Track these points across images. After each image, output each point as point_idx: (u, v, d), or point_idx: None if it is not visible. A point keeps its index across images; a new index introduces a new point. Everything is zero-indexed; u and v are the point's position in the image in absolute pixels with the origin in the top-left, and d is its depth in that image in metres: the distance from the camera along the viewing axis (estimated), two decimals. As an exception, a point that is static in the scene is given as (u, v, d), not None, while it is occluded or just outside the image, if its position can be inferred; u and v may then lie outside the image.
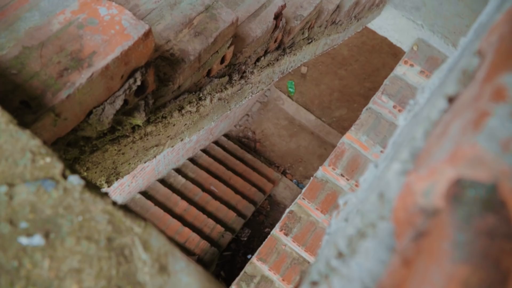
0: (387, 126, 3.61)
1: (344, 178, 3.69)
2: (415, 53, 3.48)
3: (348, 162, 3.71)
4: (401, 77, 3.58)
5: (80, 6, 0.81)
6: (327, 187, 3.84)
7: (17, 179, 0.47)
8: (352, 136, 3.66)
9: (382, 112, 3.64)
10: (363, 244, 0.29)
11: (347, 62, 7.27)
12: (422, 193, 0.30)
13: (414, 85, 3.56)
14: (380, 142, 3.55)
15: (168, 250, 0.46)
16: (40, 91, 0.72)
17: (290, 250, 3.96)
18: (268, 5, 1.45)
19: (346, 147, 3.75)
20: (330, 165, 3.69)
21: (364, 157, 3.73)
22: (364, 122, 3.63)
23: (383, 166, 0.50)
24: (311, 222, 3.87)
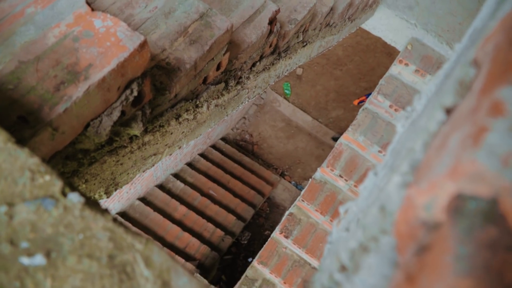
0: (383, 126, 3.62)
1: (342, 178, 3.69)
2: (409, 52, 3.50)
3: (346, 163, 3.72)
4: (397, 77, 3.59)
5: (75, 19, 0.81)
6: (326, 188, 3.84)
7: (16, 198, 0.47)
8: (349, 137, 3.66)
9: (379, 112, 3.65)
10: (366, 259, 0.29)
11: (342, 62, 7.29)
12: (423, 206, 0.30)
13: (409, 84, 3.57)
14: (377, 142, 3.56)
15: (170, 265, 0.46)
16: (37, 105, 0.72)
17: (291, 253, 3.95)
18: (262, 10, 1.46)
19: (343, 148, 3.75)
20: (329, 166, 3.70)
21: (362, 157, 3.74)
22: (361, 122, 3.64)
23: (382, 174, 0.50)
24: (311, 224, 3.87)
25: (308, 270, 3.92)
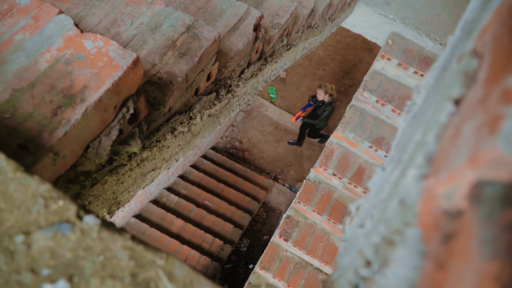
0: (372, 121, 3.66)
1: (336, 177, 3.71)
2: (390, 47, 3.55)
3: (339, 161, 3.74)
4: (380, 72, 3.63)
5: (65, 42, 0.81)
6: (320, 188, 3.86)
7: (32, 227, 0.47)
8: (339, 135, 3.69)
9: (366, 108, 3.69)
10: (394, 252, 0.30)
11: (324, 62, 7.35)
12: (444, 196, 0.31)
13: (393, 78, 3.62)
14: (367, 137, 3.59)
15: (193, 278, 0.46)
16: (36, 132, 0.72)
17: (292, 255, 3.96)
18: (246, 18, 1.47)
19: (334, 146, 3.78)
20: (321, 166, 3.72)
21: (354, 154, 3.77)
22: (350, 120, 3.67)
23: (390, 169, 0.51)
24: (309, 225, 3.88)
25: (311, 271, 3.92)
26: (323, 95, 5.33)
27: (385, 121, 3.62)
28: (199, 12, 1.47)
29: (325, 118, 5.58)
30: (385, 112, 3.58)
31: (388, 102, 3.51)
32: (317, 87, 5.50)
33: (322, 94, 5.33)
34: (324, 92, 5.30)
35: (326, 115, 5.55)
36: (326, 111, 5.51)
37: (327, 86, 5.32)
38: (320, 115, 5.58)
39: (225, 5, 1.48)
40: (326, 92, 5.31)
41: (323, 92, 5.30)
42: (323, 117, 5.57)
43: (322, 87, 5.30)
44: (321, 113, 5.56)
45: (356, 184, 3.62)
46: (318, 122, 5.66)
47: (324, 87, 5.29)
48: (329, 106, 5.48)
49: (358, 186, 3.63)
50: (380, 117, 3.64)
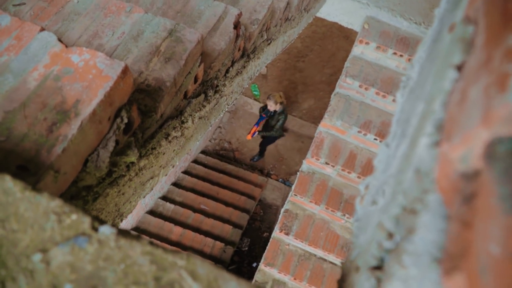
0: (358, 106, 3.69)
1: (329, 165, 3.74)
2: (367, 31, 3.58)
3: (330, 149, 3.77)
4: (360, 57, 3.66)
5: (52, 58, 0.80)
6: (315, 178, 3.88)
7: (48, 244, 0.47)
8: (327, 124, 3.72)
9: (350, 94, 3.72)
10: (419, 219, 0.30)
11: (302, 53, 7.38)
12: (459, 159, 0.31)
13: (373, 62, 3.66)
14: (355, 123, 3.62)
15: (216, 274, 0.46)
16: (34, 151, 0.71)
17: (294, 248, 3.97)
18: (225, 17, 1.47)
19: (324, 135, 3.80)
20: (313, 156, 3.74)
21: (344, 141, 3.80)
22: (336, 108, 3.70)
23: (394, 144, 0.52)
24: (308, 216, 3.90)
25: (315, 261, 3.95)
26: (274, 105, 5.31)
27: (371, 105, 3.66)
28: (178, 16, 1.46)
29: (280, 127, 5.61)
30: (370, 96, 3.61)
31: (371, 86, 3.55)
32: (266, 98, 5.42)
33: (272, 105, 5.31)
34: (274, 103, 5.28)
35: (281, 124, 5.57)
36: (280, 120, 5.52)
37: (275, 95, 5.29)
38: (275, 125, 5.59)
39: (203, 6, 1.48)
40: (276, 102, 5.28)
41: (273, 102, 5.28)
42: (278, 126, 5.58)
43: (271, 98, 5.27)
44: (275, 123, 5.57)
45: (350, 170, 3.65)
46: (274, 133, 5.66)
47: (273, 97, 5.26)
48: (282, 114, 5.48)
49: (351, 172, 3.66)
50: (365, 101, 3.67)
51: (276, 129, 5.61)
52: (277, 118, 5.53)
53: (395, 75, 3.66)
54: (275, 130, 5.63)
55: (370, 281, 0.35)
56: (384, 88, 3.57)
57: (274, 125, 5.60)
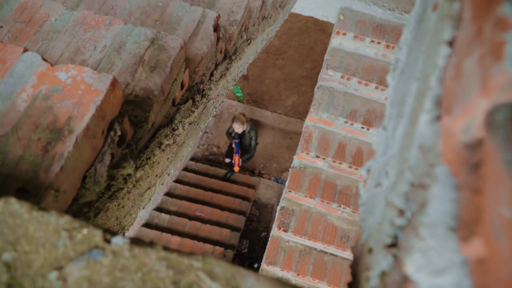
0: (342, 97, 3.72)
1: (320, 158, 3.76)
2: (343, 22, 3.61)
3: (319, 142, 3.79)
4: (339, 48, 3.70)
5: (38, 78, 0.80)
6: (307, 172, 3.90)
7: (63, 261, 0.47)
8: (313, 117, 3.74)
9: (333, 86, 3.75)
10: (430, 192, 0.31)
11: (281, 51, 7.41)
12: (462, 130, 0.33)
13: (352, 51, 3.69)
14: (341, 114, 3.65)
15: (233, 271, 0.47)
16: (31, 173, 0.71)
17: (294, 244, 3.99)
18: (204, 21, 1.47)
19: (312, 129, 3.83)
20: (303, 151, 3.76)
21: (332, 133, 3.83)
22: (320, 100, 3.72)
23: (391, 126, 0.53)
24: (304, 211, 3.92)
25: (316, 255, 3.97)
26: (242, 126, 5.27)
27: (354, 94, 3.69)
28: (157, 24, 1.46)
29: (254, 143, 5.59)
30: (352, 85, 3.65)
31: (353, 76, 3.58)
32: (232, 123, 5.34)
33: (240, 127, 5.28)
34: (241, 123, 5.24)
35: (254, 140, 5.54)
36: (253, 137, 5.49)
37: (239, 116, 5.26)
38: (250, 144, 5.56)
39: (181, 12, 1.48)
40: (243, 122, 5.24)
41: (241, 123, 5.24)
42: (254, 143, 5.56)
43: (236, 121, 5.23)
44: (249, 141, 5.54)
45: (341, 161, 3.68)
46: (254, 150, 5.66)
47: (238, 119, 5.22)
48: (252, 131, 5.45)
49: (343, 163, 3.69)
50: (349, 92, 3.71)
51: (253, 146, 5.58)
52: (249, 136, 5.48)
53: (375, 62, 3.71)
54: (253, 147, 5.59)
55: (386, 258, 0.36)
56: (366, 76, 3.61)
57: (249, 145, 5.55)
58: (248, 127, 5.43)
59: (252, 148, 5.63)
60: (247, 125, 5.38)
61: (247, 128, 5.43)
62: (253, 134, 5.50)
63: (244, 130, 5.44)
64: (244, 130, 5.43)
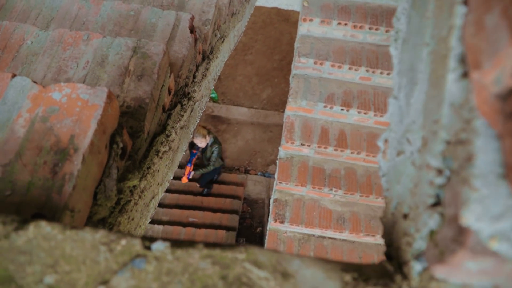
0: (317, 83, 3.76)
1: (305, 146, 3.79)
2: (308, 8, 3.64)
3: (301, 130, 3.82)
4: (308, 35, 3.73)
5: (33, 101, 0.78)
6: (294, 161, 3.93)
7: (107, 275, 0.46)
8: (293, 106, 3.76)
9: (308, 73, 3.78)
10: (473, 145, 0.33)
11: (248, 46, 7.42)
12: (493, 82, 0.34)
13: (321, 36, 3.73)
14: (319, 99, 3.69)
15: (278, 257, 0.48)
16: (44, 197, 0.69)
17: (292, 234, 4.02)
18: (179, 23, 1.46)
19: (293, 119, 3.85)
20: (288, 141, 3.78)
21: (313, 119, 3.87)
22: (297, 89, 3.75)
23: (403, 95, 0.54)
24: (298, 200, 3.95)
25: (315, 241, 4.01)
26: (204, 140, 5.01)
27: (329, 78, 3.73)
28: (132, 34, 1.44)
29: (216, 158, 5.31)
30: (326, 69, 3.69)
31: (325, 60, 3.62)
32: (192, 137, 4.88)
33: (202, 141, 5.02)
34: (202, 137, 4.97)
35: (216, 154, 5.27)
36: (214, 151, 5.22)
37: (199, 130, 4.97)
38: (210, 158, 5.29)
39: (154, 19, 1.47)
40: (204, 136, 4.98)
41: (202, 137, 4.97)
42: (214, 157, 5.28)
43: (197, 136, 4.92)
44: (210, 154, 5.26)
45: (326, 145, 3.72)
46: (212, 166, 5.36)
47: (198, 133, 4.93)
48: (215, 144, 5.21)
49: (328, 147, 3.73)
50: (323, 76, 3.75)
51: (212, 161, 5.29)
52: (210, 150, 5.22)
53: (344, 44, 3.76)
54: (212, 163, 5.31)
55: (433, 218, 0.38)
56: (338, 59, 3.65)
57: (209, 158, 5.27)
58: (211, 140, 5.15)
59: (211, 162, 5.29)
60: (209, 138, 5.10)
61: (210, 141, 5.15)
62: (216, 148, 5.19)
63: (207, 144, 5.16)
64: (207, 144, 5.15)
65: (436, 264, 0.37)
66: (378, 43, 3.74)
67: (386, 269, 0.46)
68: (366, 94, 3.71)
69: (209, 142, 5.19)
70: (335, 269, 0.46)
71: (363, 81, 3.71)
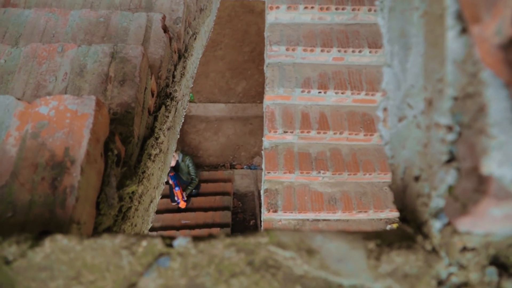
0: (292, 69, 3.77)
1: (288, 133, 3.81)
2: (273, -4, 3.64)
3: (282, 118, 3.84)
4: (276, 22, 3.73)
5: (20, 118, 0.76)
6: (280, 149, 3.95)
7: (133, 278, 0.46)
8: (271, 95, 3.77)
9: (281, 60, 3.79)
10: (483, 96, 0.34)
11: (217, 41, 7.37)
12: (494, 33, 0.35)
13: (290, 22, 3.74)
14: (295, 85, 3.70)
15: (301, 236, 0.48)
16: (47, 213, 0.68)
17: (287, 221, 4.05)
18: (151, 24, 1.44)
19: (272, 108, 3.86)
20: (270, 130, 3.79)
21: (292, 106, 3.88)
22: (273, 77, 3.75)
23: (397, 61, 0.55)
24: (288, 187, 3.98)
25: (310, 225, 4.05)
26: (173, 158, 4.93)
27: (303, 63, 3.75)
28: (105, 40, 1.42)
29: (194, 169, 5.21)
30: (299, 55, 3.70)
31: (297, 45, 3.64)
32: None
33: (171, 159, 4.90)
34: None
35: (192, 166, 5.16)
36: (189, 164, 5.12)
37: None
38: (189, 172, 5.20)
39: (125, 22, 1.44)
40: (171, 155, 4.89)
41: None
42: (193, 170, 5.18)
43: None
44: (187, 169, 5.16)
45: (308, 130, 3.75)
46: (196, 178, 5.28)
47: None
48: (185, 157, 5.11)
49: (310, 131, 3.76)
50: (297, 62, 3.76)
51: (194, 173, 5.20)
52: (185, 164, 5.11)
53: (313, 27, 3.78)
54: (195, 175, 5.21)
55: (450, 173, 0.39)
56: (309, 42, 3.67)
57: (188, 172, 5.17)
58: (180, 156, 5.03)
59: (193, 176, 5.18)
60: (177, 154, 4.97)
61: (179, 156, 5.03)
62: (188, 161, 5.07)
63: (177, 161, 5.05)
64: (177, 161, 5.04)
65: (459, 217, 0.38)
66: (346, 22, 3.78)
67: (406, 232, 0.47)
68: (341, 74, 3.74)
69: (179, 158, 5.07)
70: (358, 239, 0.47)
71: (336, 61, 3.74)
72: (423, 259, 0.44)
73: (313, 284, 0.45)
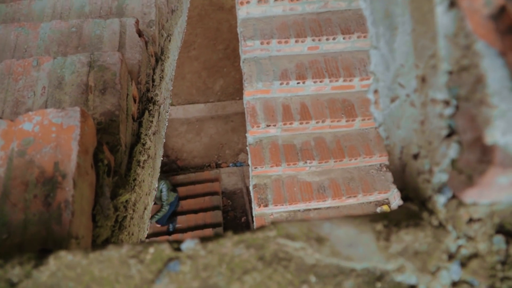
0: (268, 62, 3.77)
1: (271, 126, 3.82)
2: (242, -9, 3.62)
3: (264, 112, 3.84)
4: (248, 17, 3.72)
5: (4, 137, 0.74)
6: (264, 144, 3.95)
7: (144, 286, 0.45)
8: (250, 91, 3.76)
9: (257, 55, 3.78)
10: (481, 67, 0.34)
11: (190, 42, 7.31)
12: (483, 4, 0.35)
13: (262, 16, 3.73)
14: (274, 78, 3.70)
15: (308, 225, 0.48)
16: (44, 231, 0.66)
17: (279, 214, 4.06)
18: (125, 30, 1.42)
19: (253, 103, 3.86)
20: (253, 126, 3.79)
21: (272, 99, 3.89)
22: (250, 73, 3.75)
23: (383, 42, 0.55)
24: (276, 180, 3.99)
25: (302, 215, 4.07)
26: None
27: (279, 55, 3.76)
28: (79, 50, 1.39)
29: (167, 195, 4.92)
30: (274, 47, 3.70)
31: (271, 38, 3.64)
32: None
33: None
34: None
35: (166, 190, 4.89)
36: (163, 189, 4.85)
37: None
38: (161, 197, 4.91)
39: (98, 30, 1.41)
40: None
41: None
42: (165, 196, 4.90)
43: None
44: (160, 194, 4.87)
45: (290, 121, 3.76)
46: (167, 205, 4.99)
47: None
48: (160, 181, 4.82)
49: (293, 122, 3.77)
50: (273, 55, 3.76)
51: (165, 200, 4.93)
52: (158, 189, 4.85)
53: (285, 18, 3.78)
54: (166, 202, 4.94)
55: (451, 147, 0.39)
56: (283, 34, 3.67)
57: (160, 197, 4.90)
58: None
59: (163, 202, 4.88)
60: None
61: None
62: (162, 185, 4.78)
63: None
64: None
65: (465, 189, 0.38)
66: (317, 11, 3.79)
67: (411, 209, 0.48)
68: (317, 63, 3.76)
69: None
70: (365, 222, 0.47)
71: (311, 51, 3.76)
72: (432, 235, 0.44)
73: (326, 272, 0.45)
